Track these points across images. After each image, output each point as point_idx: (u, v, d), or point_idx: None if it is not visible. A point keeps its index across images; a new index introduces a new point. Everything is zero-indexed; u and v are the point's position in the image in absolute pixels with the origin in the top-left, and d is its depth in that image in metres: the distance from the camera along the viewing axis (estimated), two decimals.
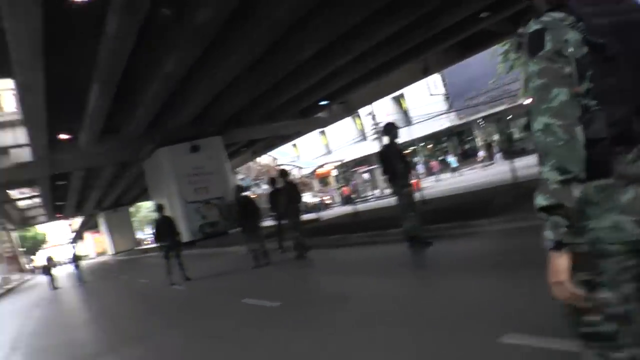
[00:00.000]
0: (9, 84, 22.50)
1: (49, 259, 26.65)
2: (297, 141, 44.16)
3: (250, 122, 26.38)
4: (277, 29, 15.06)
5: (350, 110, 32.85)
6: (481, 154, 31.70)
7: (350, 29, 15.93)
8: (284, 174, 10.95)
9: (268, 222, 13.12)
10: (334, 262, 9.90)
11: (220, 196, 25.53)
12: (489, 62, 27.18)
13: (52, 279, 24.20)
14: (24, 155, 23.86)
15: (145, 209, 76.23)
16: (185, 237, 19.98)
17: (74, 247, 34.29)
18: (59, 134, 21.70)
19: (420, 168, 34.28)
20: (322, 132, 47.48)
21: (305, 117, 29.69)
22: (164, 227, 11.90)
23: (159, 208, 12.43)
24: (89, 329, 9.54)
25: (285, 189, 10.40)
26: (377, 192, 34.33)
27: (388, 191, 33.62)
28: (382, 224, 11.03)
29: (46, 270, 25.78)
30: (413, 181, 30.70)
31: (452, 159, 33.23)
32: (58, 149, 23.14)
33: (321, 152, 50.03)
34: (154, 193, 30.58)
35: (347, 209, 25.28)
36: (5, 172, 24.65)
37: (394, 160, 7.93)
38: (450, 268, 6.39)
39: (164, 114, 21.58)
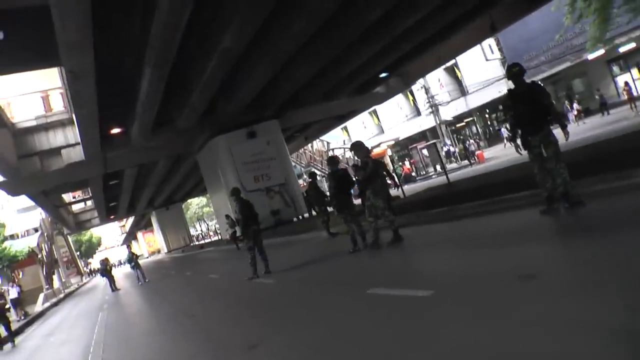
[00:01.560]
0: (56, 82, 21.89)
1: (105, 261, 26.09)
2: (347, 124, 42.60)
3: (307, 102, 25.02)
4: None
5: (408, 82, 31.00)
6: (576, 106, 29.09)
7: None
8: (357, 147, 9.00)
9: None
10: (452, 237, 8.11)
11: (282, 182, 24.29)
12: (549, 17, 24.89)
13: (111, 281, 23.65)
14: (76, 155, 23.18)
15: (195, 205, 76.46)
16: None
17: (128, 247, 33.90)
18: (110, 129, 20.81)
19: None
20: (374, 112, 45.83)
21: (362, 93, 28.05)
22: (248, 212, 10.26)
23: (236, 192, 10.56)
24: (171, 337, 7.88)
25: (368, 166, 8.64)
26: (438, 167, 32.45)
27: (452, 165, 31.91)
28: (492, 191, 9.38)
29: (104, 272, 25.21)
30: (479, 152, 27.80)
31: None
32: (109, 145, 22.35)
33: (373, 133, 48.37)
34: (210, 185, 29.65)
35: (411, 187, 23.60)
36: (58, 173, 24.10)
37: (544, 100, 6.54)
38: (626, 231, 4.82)
39: (219, 99, 20.36)
